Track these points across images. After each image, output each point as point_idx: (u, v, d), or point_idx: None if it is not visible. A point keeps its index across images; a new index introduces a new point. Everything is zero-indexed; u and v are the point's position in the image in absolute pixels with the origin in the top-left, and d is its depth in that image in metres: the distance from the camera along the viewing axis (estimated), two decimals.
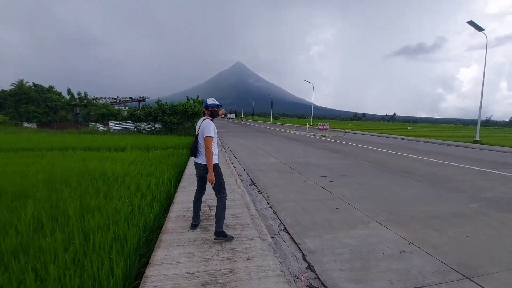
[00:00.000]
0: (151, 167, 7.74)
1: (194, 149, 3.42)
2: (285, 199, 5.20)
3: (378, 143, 17.84)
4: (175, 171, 7.04)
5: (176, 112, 22.93)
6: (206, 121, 3.31)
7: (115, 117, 23.96)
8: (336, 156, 10.88)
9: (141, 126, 23.77)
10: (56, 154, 10.11)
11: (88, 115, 25.03)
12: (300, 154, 11.24)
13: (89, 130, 21.70)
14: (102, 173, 6.93)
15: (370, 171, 8.04)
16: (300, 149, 13.01)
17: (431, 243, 3.55)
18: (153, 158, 9.47)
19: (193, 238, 3.09)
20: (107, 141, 14.69)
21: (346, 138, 20.99)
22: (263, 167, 8.28)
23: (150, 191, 5.25)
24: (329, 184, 6.34)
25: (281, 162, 9.16)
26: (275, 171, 7.71)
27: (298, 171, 7.74)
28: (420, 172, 8.04)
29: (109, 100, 28.92)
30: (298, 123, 65.02)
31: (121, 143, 13.58)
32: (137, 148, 12.86)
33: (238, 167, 8.34)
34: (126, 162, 8.70)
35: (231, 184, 5.56)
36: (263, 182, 6.50)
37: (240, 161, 9.37)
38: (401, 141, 20.53)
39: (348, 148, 13.89)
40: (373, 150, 13.35)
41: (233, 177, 6.18)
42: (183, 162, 8.66)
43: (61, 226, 3.53)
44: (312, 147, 14.18)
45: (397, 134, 27.31)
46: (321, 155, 11.07)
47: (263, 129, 31.66)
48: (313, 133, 25.83)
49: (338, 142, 17.26)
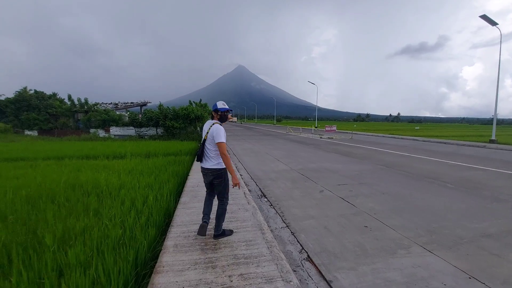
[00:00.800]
0: (150, 177, 7.07)
1: (201, 153, 3.29)
2: (303, 215, 4.46)
3: (390, 144, 17.02)
4: (175, 182, 6.34)
5: (178, 116, 22.33)
6: (216, 126, 3.19)
7: (116, 122, 23.44)
8: (350, 161, 10.11)
9: (143, 132, 23.21)
10: (51, 164, 9.49)
11: (89, 122, 24.56)
12: (311, 159, 10.49)
13: (90, 137, 21.17)
14: (95, 186, 6.28)
15: (392, 177, 7.26)
16: (310, 153, 12.26)
17: (496, 275, 2.79)
18: (153, 167, 8.82)
19: (195, 282, 2.36)
20: (106, 148, 14.09)
21: (355, 140, 20.19)
22: (273, 175, 7.55)
23: (146, 207, 4.56)
24: (349, 195, 5.59)
25: (292, 169, 8.43)
26: (287, 180, 6.98)
27: (313, 179, 7.00)
28: (448, 178, 7.25)
29: (110, 106, 28.48)
30: (302, 125, 64.25)
31: (120, 150, 12.95)
32: (137, 155, 12.23)
33: (245, 175, 7.62)
34: (123, 171, 8.06)
35: (239, 198, 4.85)
36: (275, 193, 5.77)
37: (247, 169, 8.66)
38: (413, 142, 19.67)
39: (360, 151, 13.11)
40: (387, 153, 12.55)
41: (240, 189, 5.47)
42: (185, 170, 7.98)
43: (33, 260, 2.84)
44: (322, 150, 13.42)
45: (406, 135, 26.42)
46: (334, 160, 10.32)
47: (268, 132, 30.96)
48: (320, 135, 25.05)
49: (348, 145, 16.47)
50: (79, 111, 25.73)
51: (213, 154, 3.19)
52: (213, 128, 3.18)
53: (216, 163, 3.20)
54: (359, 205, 4.93)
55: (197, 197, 4.77)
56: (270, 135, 25.61)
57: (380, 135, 26.65)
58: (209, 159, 3.21)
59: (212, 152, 3.19)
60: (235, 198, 4.75)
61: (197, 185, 5.67)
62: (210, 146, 3.20)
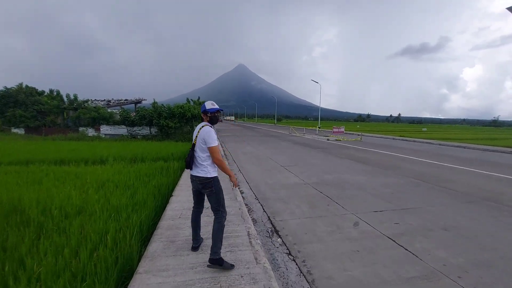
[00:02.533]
0: (125, 195, 5.43)
1: (190, 160, 2.88)
2: (343, 279, 2.78)
3: (406, 149, 15.33)
4: (153, 206, 4.65)
5: (174, 115, 20.62)
6: (206, 129, 2.85)
7: (107, 121, 21.71)
8: (373, 171, 8.42)
9: (135, 131, 21.51)
10: (11, 171, 7.81)
11: (78, 119, 22.85)
12: (325, 168, 8.81)
13: (77, 136, 19.44)
14: (44, 209, 4.64)
15: (438, 199, 5.57)
16: (321, 160, 10.57)
17: None
18: (135, 176, 7.18)
19: None
20: (89, 150, 12.41)
21: (365, 143, 18.51)
22: (284, 193, 5.86)
23: (98, 258, 2.93)
24: (398, 231, 3.91)
25: (306, 183, 6.74)
26: (303, 201, 5.29)
27: (336, 200, 5.31)
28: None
29: (102, 103, 26.72)
30: (303, 125, 62.61)
31: (103, 153, 11.27)
32: (122, 159, 10.55)
33: (247, 193, 5.92)
34: (95, 183, 6.41)
35: (242, 246, 3.12)
36: (291, 227, 4.07)
37: (249, 181, 6.96)
38: (429, 146, 17.99)
39: (377, 158, 11.42)
40: (410, 160, 10.88)
41: (242, 222, 3.78)
42: (170, 184, 6.29)
43: None
44: (334, 155, 11.74)
45: (416, 137, 24.76)
46: (352, 169, 8.63)
47: (269, 133, 29.23)
48: (325, 136, 23.36)
49: (360, 148, 14.78)
50: (68, 108, 24.00)
51: (202, 161, 2.86)
52: (203, 131, 2.85)
53: (205, 171, 2.83)
54: (423, 255, 3.24)
55: (175, 243, 3.07)
56: (272, 136, 23.91)
57: (389, 137, 24.97)
58: (198, 165, 2.88)
59: (201, 159, 2.86)
60: (234, 246, 3.05)
61: (179, 216, 3.96)
62: (200, 151, 2.87)
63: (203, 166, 2.83)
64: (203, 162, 2.84)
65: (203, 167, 2.83)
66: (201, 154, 2.84)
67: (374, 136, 26.14)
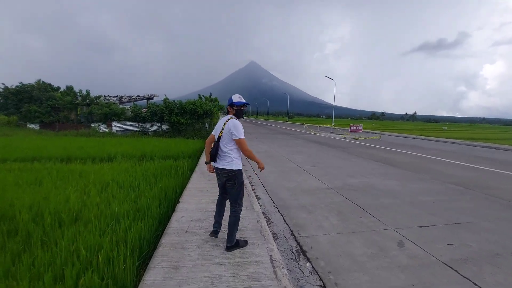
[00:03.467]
0: (128, 197, 4.89)
1: (215, 153, 2.88)
2: None
3: (432, 149, 14.20)
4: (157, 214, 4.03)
5: (185, 111, 20.14)
6: (232, 122, 2.86)
7: (119, 117, 21.50)
8: (404, 175, 7.54)
9: (146, 128, 21.21)
10: (14, 168, 7.45)
11: (90, 115, 22.80)
12: (348, 169, 7.99)
13: (88, 132, 19.31)
14: (37, 215, 4.13)
15: (494, 211, 4.65)
16: (341, 160, 9.74)
17: None
18: (142, 177, 6.67)
19: None
20: (98, 147, 12.07)
21: (385, 142, 17.42)
22: (306, 200, 5.12)
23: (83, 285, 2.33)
24: (456, 255, 3.11)
25: (330, 188, 5.96)
26: (331, 211, 4.54)
27: (369, 210, 4.53)
28: None
29: (114, 99, 26.62)
30: (315, 122, 61.31)
31: (112, 150, 10.87)
32: (130, 157, 10.11)
33: (265, 199, 5.22)
34: (98, 184, 5.91)
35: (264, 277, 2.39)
36: (321, 246, 3.32)
37: (265, 184, 6.26)
38: (455, 146, 16.73)
39: (404, 159, 10.46)
40: (441, 162, 9.86)
41: (262, 240, 3.08)
42: (178, 187, 5.69)
43: None
44: (355, 155, 10.87)
45: (438, 136, 23.33)
46: (379, 171, 7.78)
47: (282, 130, 28.40)
48: (341, 134, 22.31)
49: (381, 148, 13.78)
50: (81, 104, 24.01)
51: (227, 153, 2.84)
52: (230, 123, 2.84)
53: (230, 163, 2.83)
54: None
55: (179, 272, 2.39)
56: (286, 134, 23.09)
57: (409, 136, 23.63)
58: (223, 158, 2.86)
59: (226, 151, 2.84)
60: (254, 279, 2.33)
61: (186, 230, 3.29)
62: (225, 143, 2.85)
63: (229, 158, 2.84)
64: (229, 154, 2.84)
65: (229, 160, 2.84)
66: (227, 146, 2.84)
67: (393, 135, 24.86)
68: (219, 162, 2.88)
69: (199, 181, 5.93)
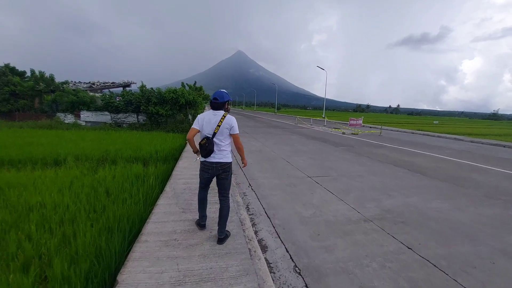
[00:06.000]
0: (51, 242, 2.77)
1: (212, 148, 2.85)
2: None
3: (447, 148, 12.69)
4: (98, 277, 1.98)
5: (165, 101, 17.69)
6: (230, 118, 2.93)
7: (88, 106, 18.72)
8: (442, 189, 5.77)
9: (121, 119, 18.60)
10: None
11: (54, 104, 19.83)
12: (373, 180, 6.13)
13: (49, 123, 16.48)
14: None
15: None
16: (356, 165, 7.87)
17: None
18: (88, 195, 4.52)
19: None
20: (51, 143, 9.67)
21: (389, 139, 15.85)
22: (341, 249, 3.15)
23: None
24: None
25: (366, 218, 4.05)
26: (381, 268, 2.65)
27: (442, 268, 2.68)
28: None
29: (84, 86, 23.54)
30: (303, 114, 59.82)
31: (66, 149, 8.54)
32: (88, 159, 7.85)
33: (271, 243, 3.22)
34: (14, 212, 3.74)
35: None
36: None
37: (270, 213, 4.24)
38: (462, 144, 15.40)
39: (425, 162, 8.75)
40: (472, 168, 8.23)
41: None
42: (139, 214, 3.60)
43: None
44: (366, 156, 9.08)
45: (437, 132, 22.17)
46: (412, 184, 5.97)
47: (272, 123, 26.39)
48: (336, 129, 20.61)
49: (390, 147, 12.10)
50: (43, 90, 20.91)
51: (224, 148, 2.94)
52: (228, 119, 2.90)
53: (226, 156, 2.96)
54: None
55: None
56: (278, 127, 21.11)
57: (407, 130, 22.30)
58: (220, 152, 2.92)
59: (223, 146, 2.93)
60: None
61: None
62: (223, 138, 2.92)
63: (226, 152, 2.94)
64: (226, 148, 2.94)
65: (226, 153, 2.94)
66: (224, 141, 2.92)
67: (389, 129, 23.47)
68: (215, 156, 2.90)
69: (168, 213, 3.76)
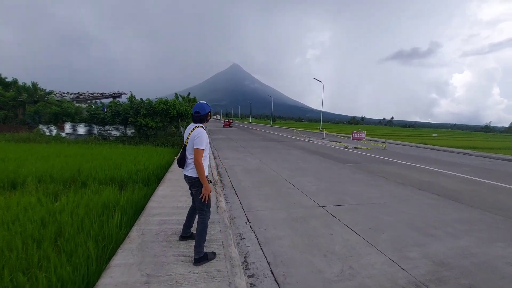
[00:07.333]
0: None
1: (181, 160, 2.93)
2: None
3: (457, 164, 11.63)
4: None
5: (156, 112, 16.51)
6: (198, 131, 2.79)
7: (72, 117, 17.41)
8: (490, 223, 4.60)
9: (107, 131, 17.29)
10: None
11: (37, 115, 18.47)
12: (402, 211, 4.94)
13: (28, 136, 15.07)
14: None
15: None
16: (373, 188, 6.68)
17: None
18: (33, 234, 3.17)
19: None
20: (19, 159, 8.39)
21: (393, 153, 14.80)
22: None
23: None
24: None
25: (416, 280, 2.83)
26: None
27: None
28: None
29: (71, 96, 22.23)
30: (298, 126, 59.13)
31: (32, 167, 7.23)
32: (53, 180, 6.53)
33: None
34: None
35: None
36: None
37: (277, 273, 3.00)
38: (473, 159, 14.41)
39: (449, 183, 7.61)
40: (503, 190, 7.15)
41: None
42: (99, 264, 2.31)
43: None
44: (379, 175, 7.92)
45: (442, 145, 21.30)
46: (451, 217, 4.80)
47: (270, 136, 25.28)
48: (337, 142, 19.59)
49: (402, 164, 10.98)
50: (26, 101, 19.59)
51: (188, 161, 2.87)
52: (195, 132, 2.78)
53: (194, 171, 2.81)
54: None
55: None
56: (275, 141, 19.97)
57: (411, 144, 21.39)
58: (187, 166, 2.90)
59: (189, 159, 2.86)
60: None
61: None
62: (190, 152, 2.85)
63: (192, 165, 2.82)
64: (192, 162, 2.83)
65: (193, 167, 2.81)
66: (191, 155, 2.83)
67: (392, 142, 22.53)
68: (186, 169, 2.91)
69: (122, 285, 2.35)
